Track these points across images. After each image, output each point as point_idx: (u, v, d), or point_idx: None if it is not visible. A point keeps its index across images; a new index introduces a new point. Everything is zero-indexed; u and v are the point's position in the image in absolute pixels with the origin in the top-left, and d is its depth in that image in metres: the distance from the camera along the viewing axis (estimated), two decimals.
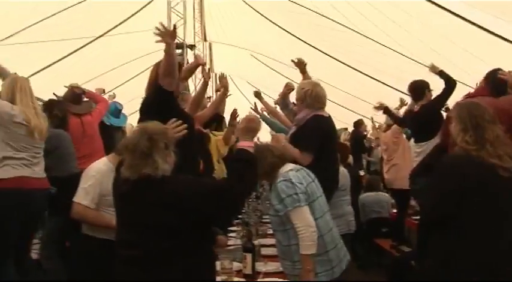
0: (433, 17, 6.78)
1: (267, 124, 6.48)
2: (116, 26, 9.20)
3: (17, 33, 7.44)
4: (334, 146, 4.41)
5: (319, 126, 4.13)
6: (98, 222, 3.56)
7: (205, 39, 12.95)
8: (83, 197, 3.58)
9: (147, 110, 3.56)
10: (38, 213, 4.06)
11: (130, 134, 2.69)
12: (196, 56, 5.19)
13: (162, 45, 3.41)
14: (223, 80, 4.91)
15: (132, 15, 9.32)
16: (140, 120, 3.55)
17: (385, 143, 6.54)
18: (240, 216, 5.43)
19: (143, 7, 9.50)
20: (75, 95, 5.21)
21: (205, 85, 4.77)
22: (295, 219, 3.14)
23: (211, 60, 13.62)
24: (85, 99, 5.48)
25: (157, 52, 10.49)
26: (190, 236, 2.50)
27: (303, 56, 5.19)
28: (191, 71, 4.49)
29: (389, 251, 6.41)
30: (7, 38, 7.37)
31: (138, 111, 3.64)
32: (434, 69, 5.32)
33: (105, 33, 9.11)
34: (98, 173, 3.59)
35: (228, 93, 5.00)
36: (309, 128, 4.11)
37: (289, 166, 3.38)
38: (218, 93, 5.08)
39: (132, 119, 6.40)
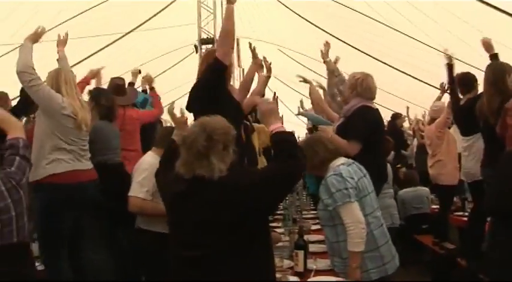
0: (476, 14, 6.56)
1: (310, 120, 6.41)
2: (147, 20, 9.15)
3: (50, 30, 7.44)
4: (382, 139, 4.35)
5: (367, 117, 4.07)
6: (156, 212, 3.56)
7: (239, 65, 12.90)
8: (139, 190, 3.66)
9: (197, 94, 3.51)
10: (90, 205, 4.02)
11: (190, 126, 2.54)
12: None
13: (192, 40, 3.39)
14: (266, 63, 4.77)
15: (163, 9, 9.26)
16: (190, 104, 3.52)
17: (428, 137, 6.34)
18: (279, 212, 5.35)
19: (172, 1, 9.43)
20: (117, 85, 5.15)
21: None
22: (344, 215, 3.06)
23: (238, 56, 13.56)
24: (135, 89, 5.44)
25: (187, 47, 10.49)
26: (250, 231, 2.41)
27: (332, 51, 5.13)
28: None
29: (431, 248, 6.24)
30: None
31: (188, 98, 3.60)
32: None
33: (136, 28, 9.09)
34: (150, 166, 3.61)
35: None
36: (357, 117, 4.05)
37: (341, 160, 3.30)
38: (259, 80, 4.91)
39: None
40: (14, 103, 5.58)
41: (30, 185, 3.97)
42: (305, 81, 5.63)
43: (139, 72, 6.16)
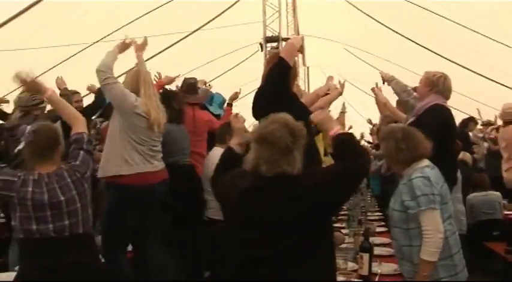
0: None
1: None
2: (212, 19, 9.22)
3: (118, 30, 7.65)
4: (454, 140, 4.17)
5: (440, 116, 3.97)
6: None
7: (298, 33, 12.83)
8: None
9: (263, 96, 3.49)
10: (156, 204, 4.08)
11: (264, 123, 2.49)
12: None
13: (258, 39, 3.41)
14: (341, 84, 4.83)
15: (228, 8, 9.31)
16: (255, 108, 3.49)
17: (504, 139, 6.04)
18: (343, 213, 5.26)
19: (237, 0, 9.46)
20: (189, 84, 5.19)
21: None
22: (424, 221, 2.91)
23: (303, 55, 13.48)
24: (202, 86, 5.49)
25: (252, 45, 10.52)
26: (314, 231, 2.36)
27: (400, 50, 4.99)
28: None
29: (503, 256, 5.93)
30: (109, 35, 7.60)
31: (254, 100, 3.57)
32: None
33: (201, 27, 9.18)
34: None
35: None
36: (430, 116, 3.93)
37: (426, 162, 3.15)
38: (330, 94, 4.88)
39: None
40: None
41: (97, 179, 4.10)
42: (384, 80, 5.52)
43: (205, 83, 6.25)
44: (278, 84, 3.46)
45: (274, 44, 9.87)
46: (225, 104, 6.14)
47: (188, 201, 4.39)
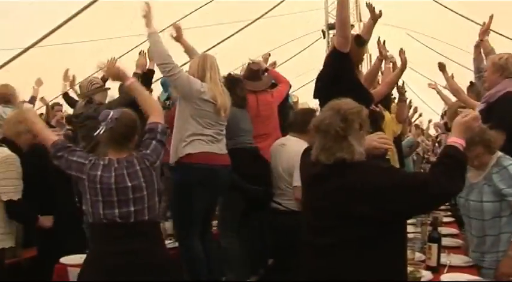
0: None
1: None
2: (274, 7, 9.20)
3: (181, 19, 7.75)
4: None
5: None
6: None
7: (360, 20, 12.66)
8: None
9: (324, 82, 3.47)
10: (222, 190, 4.12)
11: (322, 110, 2.50)
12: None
13: (320, 26, 3.38)
14: (402, 56, 4.65)
15: None
16: (317, 94, 3.48)
17: None
18: None
19: None
20: (252, 71, 5.20)
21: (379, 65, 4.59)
22: None
23: (359, 12, 13.29)
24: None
25: (315, 32, 10.42)
26: (384, 226, 2.29)
27: (466, 34, 4.79)
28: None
29: None
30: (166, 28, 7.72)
31: (314, 87, 3.57)
32: None
33: (263, 15, 9.17)
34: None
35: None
36: (503, 104, 3.76)
37: (499, 152, 3.18)
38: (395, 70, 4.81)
39: None
40: None
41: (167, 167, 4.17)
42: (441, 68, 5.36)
43: (269, 55, 6.18)
44: (334, 72, 3.49)
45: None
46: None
47: (255, 183, 4.40)
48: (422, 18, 10.56)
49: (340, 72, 3.50)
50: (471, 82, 5.48)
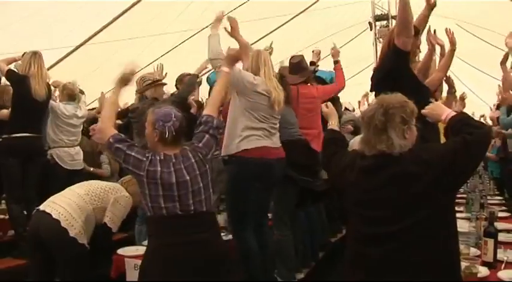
0: None
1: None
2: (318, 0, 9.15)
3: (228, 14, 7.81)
4: None
5: None
6: None
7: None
8: None
9: (381, 76, 3.44)
10: (276, 183, 4.15)
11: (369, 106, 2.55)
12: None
13: (367, 17, 3.36)
14: (449, 35, 4.55)
15: None
16: (374, 88, 3.47)
17: None
18: (459, 196, 5.07)
19: None
20: (291, 64, 5.19)
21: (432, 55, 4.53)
22: None
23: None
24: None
25: (361, 24, 10.29)
26: (434, 209, 2.33)
27: None
28: None
29: None
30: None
31: (372, 80, 3.55)
32: None
33: (309, 7, 9.13)
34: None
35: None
36: None
37: None
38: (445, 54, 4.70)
39: None
40: None
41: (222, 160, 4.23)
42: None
43: (319, 53, 6.14)
44: (393, 69, 3.46)
45: (384, 22, 9.64)
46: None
47: (306, 174, 4.41)
48: (471, 8, 10.29)
49: (400, 70, 3.49)
50: None
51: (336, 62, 5.74)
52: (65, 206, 3.55)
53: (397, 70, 3.46)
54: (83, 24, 7.26)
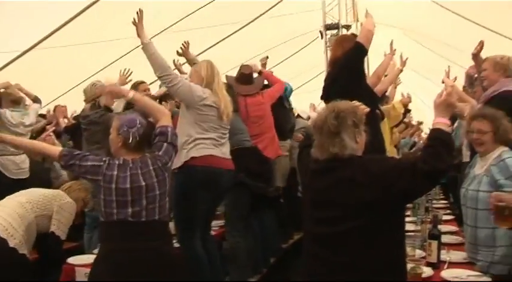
0: None
1: None
2: (272, 7, 9.23)
3: (178, 21, 7.81)
4: None
5: (509, 102, 3.74)
6: None
7: (357, 20, 12.69)
8: None
9: (338, 76, 3.53)
10: (223, 193, 4.17)
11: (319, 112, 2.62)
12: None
13: (317, 26, 3.50)
14: (402, 58, 4.80)
15: None
16: (328, 90, 3.55)
17: None
18: None
19: None
20: (244, 75, 5.24)
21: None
22: None
23: (355, 11, 13.35)
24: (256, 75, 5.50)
25: (312, 33, 10.42)
26: (384, 214, 2.38)
27: (464, 35, 4.84)
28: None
29: None
30: (170, 26, 7.77)
31: (327, 84, 3.64)
32: None
33: (260, 16, 9.21)
34: None
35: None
36: (497, 103, 3.73)
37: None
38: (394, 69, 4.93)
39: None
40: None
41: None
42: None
43: (267, 58, 6.21)
44: (356, 69, 3.53)
45: (334, 31, 9.83)
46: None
47: (259, 181, 4.46)
48: (419, 18, 10.58)
49: (358, 68, 3.71)
50: (464, 87, 5.54)
51: (260, 73, 5.72)
52: (5, 215, 3.42)
53: (356, 70, 3.56)
54: (31, 29, 7.09)
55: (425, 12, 9.87)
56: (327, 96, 3.67)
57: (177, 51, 4.27)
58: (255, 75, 5.48)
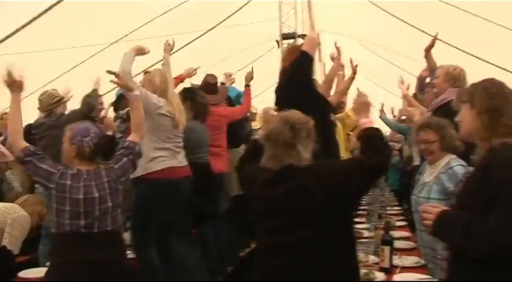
0: None
1: (388, 125, 6.48)
2: (229, 17, 9.27)
3: (136, 30, 7.76)
4: None
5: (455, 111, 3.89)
6: None
7: (313, 29, 12.82)
8: None
9: (287, 87, 3.58)
10: (184, 200, 4.16)
11: (271, 123, 2.63)
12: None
13: (274, 35, 3.59)
14: (352, 65, 4.85)
15: (244, 5, 9.35)
16: (279, 99, 3.58)
17: None
18: (362, 207, 5.31)
19: None
20: (209, 84, 5.25)
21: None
22: None
23: (319, 50, 13.48)
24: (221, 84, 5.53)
25: (269, 42, 10.50)
26: (333, 221, 2.43)
27: (418, 45, 4.99)
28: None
29: None
30: (127, 35, 7.71)
31: (278, 93, 3.67)
32: None
33: (217, 25, 9.23)
34: None
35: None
36: (442, 112, 3.85)
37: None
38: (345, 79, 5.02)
39: None
40: None
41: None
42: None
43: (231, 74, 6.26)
44: (302, 77, 3.58)
45: (291, 41, 9.93)
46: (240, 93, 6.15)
47: (207, 198, 4.47)
48: (374, 29, 10.79)
49: (307, 77, 3.69)
50: (415, 93, 5.71)
51: (247, 86, 5.84)
52: None
53: (304, 79, 3.61)
54: None
55: (378, 22, 10.08)
56: (278, 104, 3.71)
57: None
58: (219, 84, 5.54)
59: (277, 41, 10.31)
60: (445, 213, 2.09)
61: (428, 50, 4.80)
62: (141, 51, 4.03)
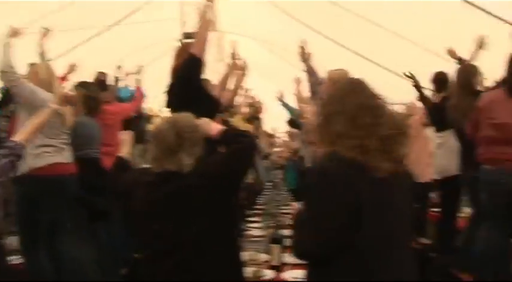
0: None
1: (288, 110, 6.64)
2: (130, 14, 9.15)
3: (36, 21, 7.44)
4: None
5: None
6: None
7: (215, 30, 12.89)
8: None
9: (177, 90, 3.62)
10: (70, 198, 4.06)
11: (160, 123, 2.65)
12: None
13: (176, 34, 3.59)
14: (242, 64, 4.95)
15: (145, 3, 9.26)
16: (168, 103, 3.60)
17: None
18: (258, 207, 5.44)
19: None
20: (100, 81, 5.17)
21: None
22: None
23: (221, 49, 13.59)
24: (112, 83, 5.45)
25: (170, 41, 10.45)
26: (217, 220, 2.48)
27: (318, 48, 5.19)
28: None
29: None
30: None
31: (167, 97, 3.67)
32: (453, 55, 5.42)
33: (119, 22, 9.08)
34: None
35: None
36: None
37: None
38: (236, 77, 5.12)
39: None
40: None
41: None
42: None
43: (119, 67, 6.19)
44: (191, 79, 3.58)
45: (193, 40, 9.91)
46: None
47: (100, 194, 4.40)
48: (269, 27, 11.03)
49: (195, 80, 3.68)
50: None
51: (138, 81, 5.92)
52: None
53: (193, 82, 3.63)
54: None
55: (274, 21, 10.32)
56: (169, 106, 3.74)
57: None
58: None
59: (180, 40, 10.28)
60: None
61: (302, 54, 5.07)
62: (15, 33, 3.91)
